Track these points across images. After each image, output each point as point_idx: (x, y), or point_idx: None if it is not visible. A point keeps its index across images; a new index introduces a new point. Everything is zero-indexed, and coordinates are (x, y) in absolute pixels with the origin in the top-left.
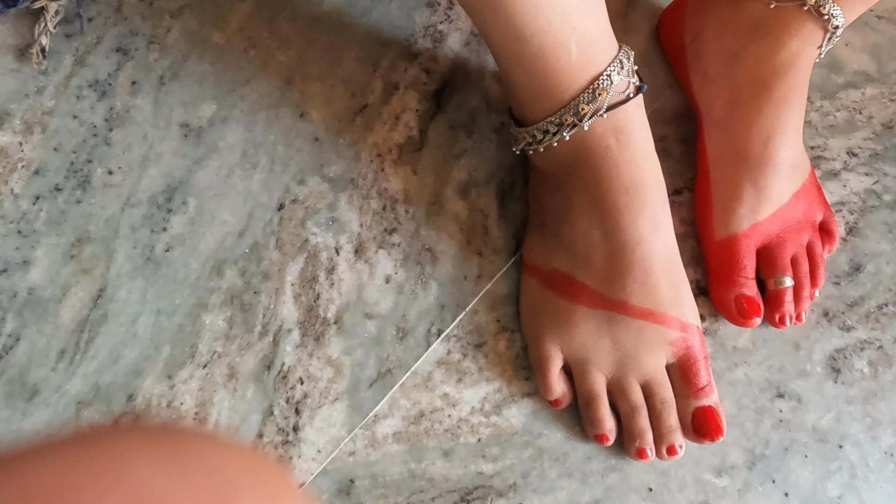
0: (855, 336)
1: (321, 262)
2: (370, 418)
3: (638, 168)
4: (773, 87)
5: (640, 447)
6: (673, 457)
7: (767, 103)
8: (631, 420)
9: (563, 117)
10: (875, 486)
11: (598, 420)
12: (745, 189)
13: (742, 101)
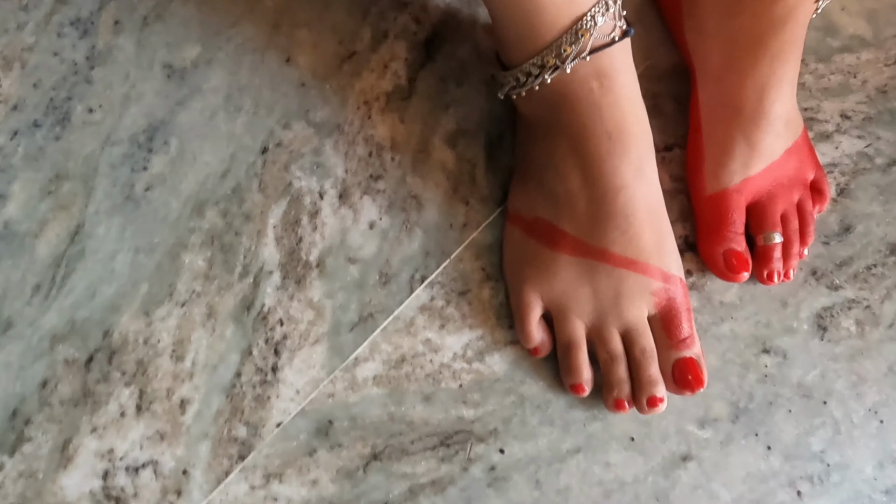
0: (843, 295)
1: (304, 206)
2: (350, 361)
3: (622, 114)
4: (769, 41)
5: (617, 398)
6: (654, 408)
7: (763, 57)
8: (609, 369)
9: (546, 59)
10: (858, 442)
11: (574, 368)
12: (737, 143)
13: (737, 54)
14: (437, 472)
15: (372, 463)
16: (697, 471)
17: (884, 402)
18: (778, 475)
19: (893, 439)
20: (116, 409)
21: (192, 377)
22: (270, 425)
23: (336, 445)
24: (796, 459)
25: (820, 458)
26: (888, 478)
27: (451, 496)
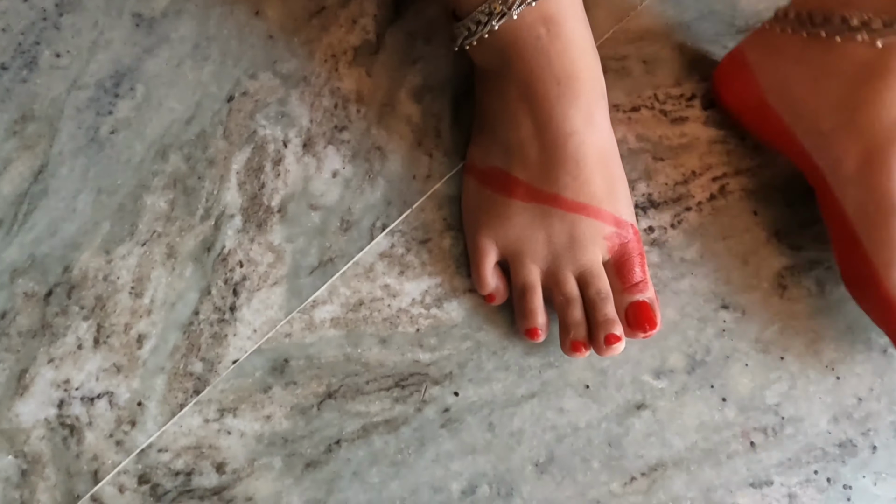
0: (805, 256)
1: (268, 153)
2: (308, 303)
3: (571, 60)
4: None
5: (573, 339)
6: (611, 347)
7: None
8: (565, 312)
9: (493, 5)
10: (814, 397)
11: (529, 312)
12: None
13: (878, 151)
14: (391, 412)
15: (326, 401)
16: (651, 419)
17: (841, 359)
18: (732, 426)
19: (849, 395)
20: (74, 342)
21: (150, 314)
22: (226, 362)
23: (291, 383)
24: (751, 411)
25: (775, 410)
26: (842, 432)
27: (403, 435)
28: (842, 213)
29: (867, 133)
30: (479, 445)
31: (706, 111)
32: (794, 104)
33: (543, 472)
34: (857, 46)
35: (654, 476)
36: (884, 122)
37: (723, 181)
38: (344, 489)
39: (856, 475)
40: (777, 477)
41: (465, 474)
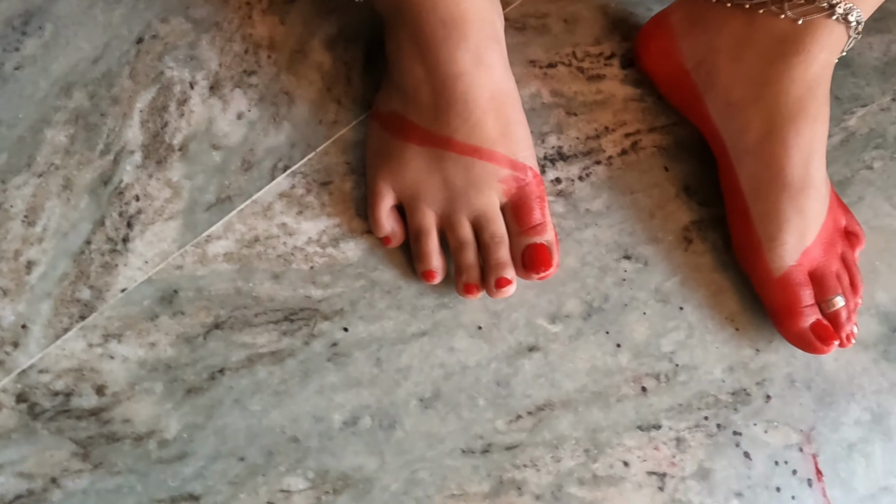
0: (713, 212)
1: (173, 94)
2: (203, 238)
3: (456, 3)
4: (808, 105)
5: (466, 282)
6: (503, 289)
7: (804, 122)
8: (459, 255)
9: None
10: (710, 347)
11: (424, 255)
12: (790, 217)
13: (778, 125)
14: (278, 345)
15: (213, 331)
16: (542, 361)
17: (742, 312)
18: (624, 371)
19: (747, 346)
20: None
21: (42, 242)
22: (115, 290)
23: (179, 313)
24: (645, 357)
25: (669, 358)
26: (736, 381)
27: (288, 367)
28: (737, 184)
29: (772, 107)
30: (364, 379)
31: (625, 70)
32: (710, 72)
33: (428, 408)
34: (777, 21)
35: (540, 415)
36: (789, 97)
37: (636, 137)
38: (224, 415)
39: (747, 423)
40: (666, 421)
41: (347, 406)
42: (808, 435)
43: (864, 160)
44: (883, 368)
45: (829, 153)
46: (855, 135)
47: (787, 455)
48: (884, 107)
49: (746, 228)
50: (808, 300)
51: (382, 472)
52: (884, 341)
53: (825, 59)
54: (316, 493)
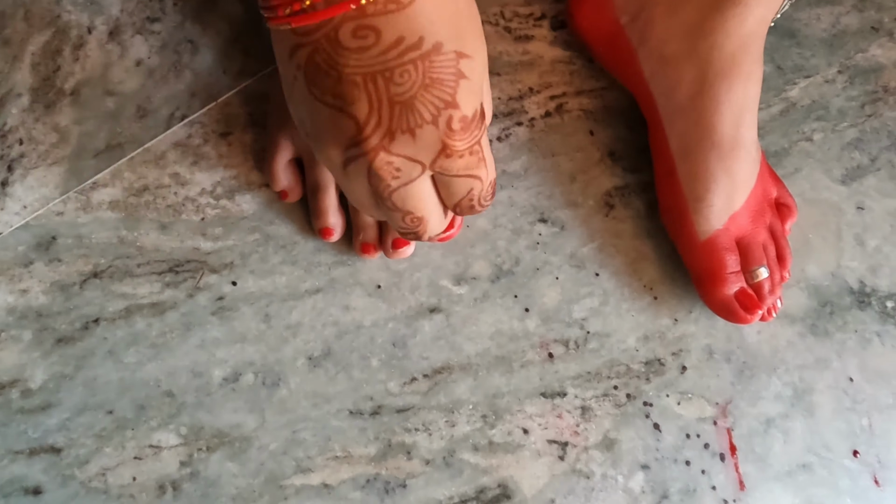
0: (638, 178)
1: (69, 38)
2: (88, 184)
3: None
4: (741, 61)
5: (363, 241)
6: (399, 250)
7: (737, 79)
8: (356, 213)
9: None
10: (626, 315)
11: (320, 211)
12: (719, 178)
13: (710, 80)
14: (160, 296)
15: (91, 280)
16: (443, 323)
17: (662, 280)
18: (530, 336)
19: (665, 315)
20: None
21: None
22: None
23: (55, 260)
24: (554, 323)
25: (580, 324)
26: (651, 351)
27: (169, 319)
28: (666, 144)
29: (705, 61)
30: (250, 335)
31: (555, 32)
32: (645, 26)
33: (316, 366)
34: None
35: (436, 378)
36: (723, 51)
37: (561, 100)
38: (95, 367)
39: (659, 394)
40: (572, 389)
41: (230, 362)
42: (724, 408)
43: (804, 132)
44: (809, 343)
45: (768, 123)
46: (796, 105)
47: (699, 428)
48: (828, 79)
49: (673, 190)
50: (734, 267)
51: (262, 431)
52: (812, 315)
53: (761, 15)
54: (188, 449)
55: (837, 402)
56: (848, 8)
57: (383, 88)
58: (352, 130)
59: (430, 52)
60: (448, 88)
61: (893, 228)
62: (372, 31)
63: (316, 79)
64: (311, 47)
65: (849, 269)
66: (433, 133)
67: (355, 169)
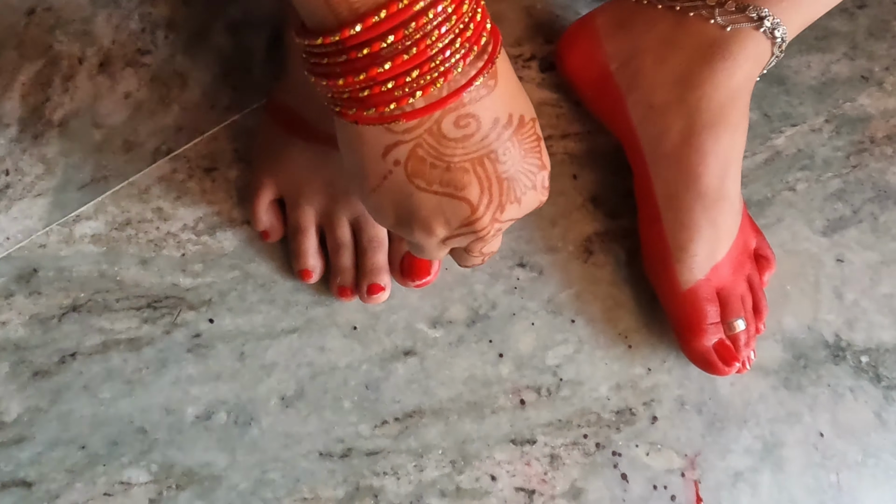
0: (619, 224)
1: (60, 69)
2: (71, 217)
3: None
4: (729, 113)
5: (340, 285)
6: (374, 296)
7: (724, 130)
8: (335, 256)
9: None
10: (599, 363)
11: (301, 253)
12: (703, 229)
13: (698, 130)
14: (137, 332)
15: (70, 314)
16: (417, 367)
17: (637, 329)
18: (503, 382)
19: (639, 365)
20: None
21: None
22: None
23: (35, 293)
24: (527, 370)
25: (554, 371)
26: (622, 400)
27: (145, 355)
28: (651, 191)
29: (693, 112)
30: (225, 373)
31: (543, 73)
32: (635, 74)
33: (289, 406)
34: (706, 25)
35: (407, 422)
36: (711, 102)
37: (547, 142)
38: (70, 401)
39: (629, 443)
40: (542, 437)
41: (203, 400)
42: (692, 460)
43: (788, 181)
44: (781, 397)
45: (752, 171)
46: (781, 154)
47: (667, 480)
48: (815, 128)
49: (657, 238)
50: (714, 318)
51: (231, 470)
52: (786, 368)
53: (749, 70)
54: (158, 486)
55: (807, 458)
56: (839, 56)
57: (491, 169)
58: (466, 212)
59: (519, 126)
60: (538, 154)
61: (872, 282)
62: (472, 118)
63: (421, 171)
64: (413, 143)
65: (825, 323)
66: (534, 196)
67: (458, 241)
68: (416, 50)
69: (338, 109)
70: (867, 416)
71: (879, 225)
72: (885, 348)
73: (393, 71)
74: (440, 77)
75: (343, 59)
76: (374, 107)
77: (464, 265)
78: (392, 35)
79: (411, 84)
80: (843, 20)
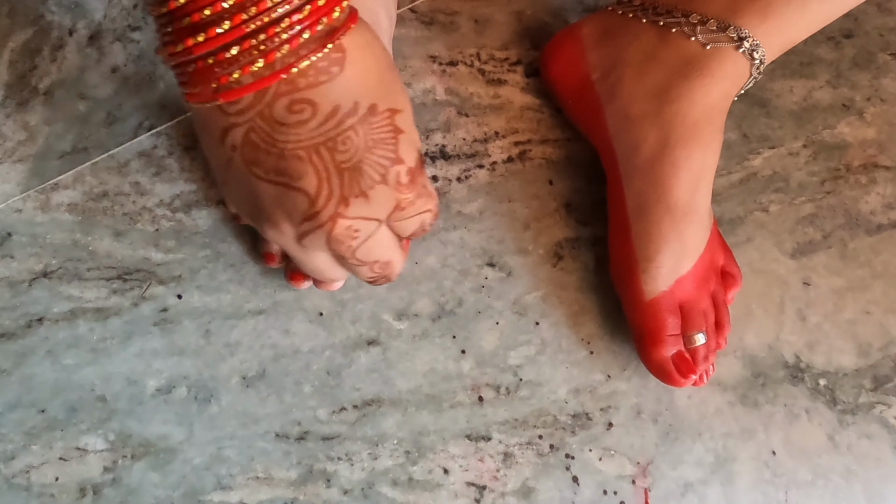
0: (590, 231)
1: (49, 39)
2: (49, 185)
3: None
4: (703, 130)
5: (293, 270)
6: (324, 284)
7: (697, 146)
8: None
9: None
10: (560, 366)
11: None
12: (670, 242)
13: (672, 144)
14: (105, 302)
15: (40, 279)
16: (380, 356)
17: (601, 336)
18: (463, 378)
19: (598, 371)
20: None
21: None
22: None
23: (8, 256)
24: (488, 367)
25: (514, 371)
26: (580, 404)
27: (111, 326)
28: (623, 201)
29: (669, 125)
30: (188, 349)
31: (527, 79)
32: (615, 84)
33: (249, 386)
34: (687, 42)
35: (366, 410)
36: (687, 118)
37: (525, 147)
38: (33, 365)
39: (582, 447)
40: (497, 434)
41: (165, 373)
42: (644, 468)
43: (761, 202)
44: (737, 412)
45: (727, 190)
46: (757, 175)
47: (617, 485)
48: (793, 152)
49: (625, 247)
50: (674, 329)
51: (188, 445)
52: (744, 385)
53: (726, 89)
54: (113, 455)
55: (757, 474)
56: (822, 83)
57: (329, 158)
58: (304, 204)
59: (366, 116)
60: (390, 146)
61: (836, 307)
62: (307, 104)
63: (256, 158)
64: (246, 126)
65: (787, 343)
66: (385, 191)
67: (312, 240)
68: (229, 25)
69: (183, 93)
70: (820, 438)
71: (848, 252)
72: (844, 373)
73: (209, 45)
74: (261, 56)
75: (170, 30)
76: (199, 84)
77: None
78: (209, 7)
79: (230, 61)
80: (828, 48)
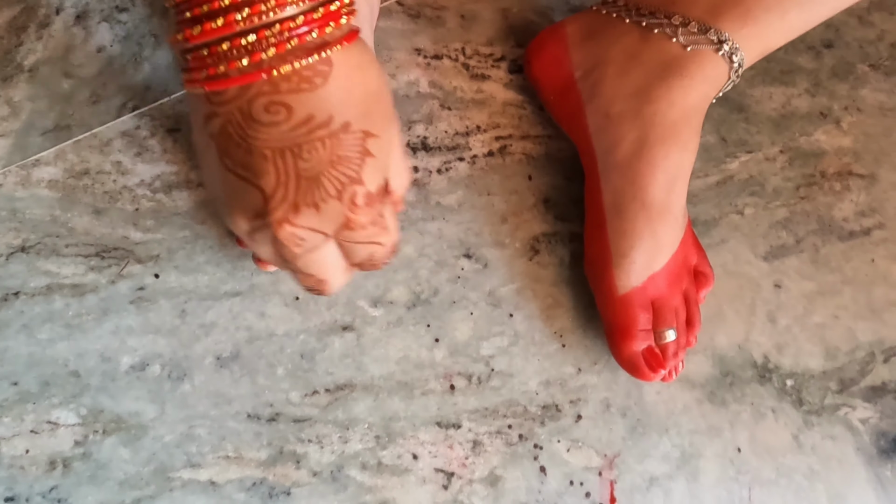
0: (567, 227)
1: (37, 16)
2: (31, 161)
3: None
4: (681, 131)
5: None
6: None
7: (674, 147)
8: None
9: None
10: (532, 358)
11: None
12: (644, 239)
13: (650, 143)
14: (83, 279)
15: (18, 254)
16: (354, 342)
17: (573, 329)
18: (436, 366)
19: (570, 364)
20: None
21: None
22: None
23: None
24: (461, 356)
25: (486, 361)
26: (550, 396)
27: (87, 302)
28: (600, 198)
29: (647, 125)
30: (164, 328)
31: (511, 75)
32: (596, 83)
33: (223, 367)
34: (669, 44)
35: (338, 394)
36: (665, 118)
37: (506, 142)
38: (7, 338)
39: (551, 438)
40: (467, 422)
41: (140, 351)
42: (611, 461)
43: (737, 205)
44: (705, 410)
45: (703, 192)
46: (733, 178)
47: (584, 476)
48: (770, 157)
49: (600, 243)
50: (645, 325)
51: (159, 422)
52: (712, 383)
53: (704, 91)
54: (84, 430)
55: (722, 471)
56: (801, 91)
57: (291, 163)
58: (259, 202)
59: (338, 131)
60: (354, 165)
61: (806, 311)
62: (284, 107)
63: (228, 149)
64: (225, 118)
65: (756, 344)
66: (337, 207)
67: (261, 237)
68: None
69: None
70: (785, 438)
71: (820, 256)
72: (811, 375)
73: (204, 36)
74: (246, 56)
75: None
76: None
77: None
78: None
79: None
80: (808, 57)
